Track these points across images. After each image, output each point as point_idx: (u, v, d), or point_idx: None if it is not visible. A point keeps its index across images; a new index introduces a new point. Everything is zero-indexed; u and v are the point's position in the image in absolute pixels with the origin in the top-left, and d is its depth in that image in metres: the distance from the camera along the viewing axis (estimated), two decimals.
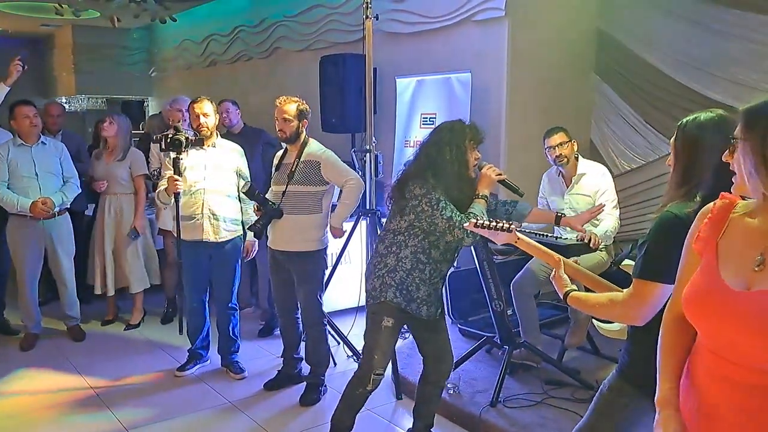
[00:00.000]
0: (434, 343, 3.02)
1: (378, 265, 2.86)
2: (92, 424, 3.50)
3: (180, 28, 8.46)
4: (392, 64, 5.46)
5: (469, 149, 2.82)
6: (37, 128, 4.41)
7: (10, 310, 4.98)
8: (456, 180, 2.79)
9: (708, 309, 1.39)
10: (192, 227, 3.83)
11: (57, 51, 9.99)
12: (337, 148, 5.47)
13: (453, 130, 2.84)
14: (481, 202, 2.82)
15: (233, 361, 4.12)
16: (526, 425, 3.22)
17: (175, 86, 8.97)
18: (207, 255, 3.92)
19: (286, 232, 3.62)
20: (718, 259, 1.41)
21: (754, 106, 1.35)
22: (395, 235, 2.83)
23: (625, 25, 4.86)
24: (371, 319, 2.89)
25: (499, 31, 4.76)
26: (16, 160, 4.34)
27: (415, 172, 2.80)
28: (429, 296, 2.85)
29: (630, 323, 1.87)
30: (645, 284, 1.72)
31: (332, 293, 4.50)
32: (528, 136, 4.62)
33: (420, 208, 2.72)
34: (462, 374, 3.76)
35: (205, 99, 3.89)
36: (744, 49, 4.11)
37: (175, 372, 4.09)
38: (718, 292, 1.37)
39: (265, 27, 7.25)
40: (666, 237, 1.70)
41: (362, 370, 2.90)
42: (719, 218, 1.44)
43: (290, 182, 3.61)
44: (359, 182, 3.65)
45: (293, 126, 3.60)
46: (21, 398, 3.80)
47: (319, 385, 3.78)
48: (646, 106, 4.77)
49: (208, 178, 3.82)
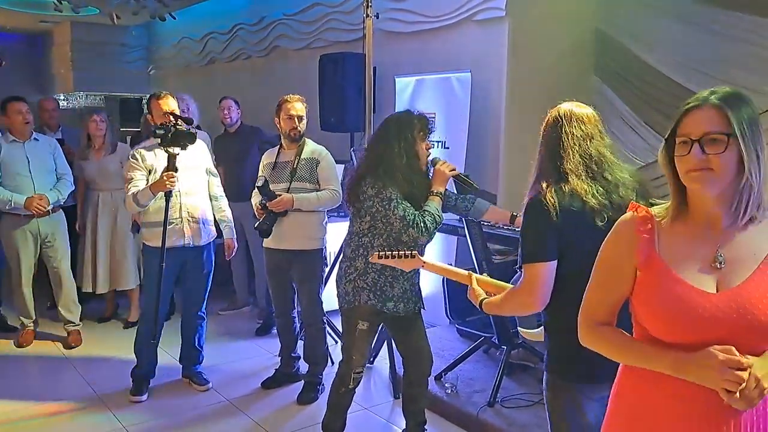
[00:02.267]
0: (411, 342, 3.01)
1: (348, 269, 2.86)
2: (92, 423, 3.49)
3: (179, 25, 8.43)
4: (392, 64, 5.45)
5: (418, 140, 2.78)
6: (29, 125, 4.35)
7: (7, 308, 4.98)
8: (408, 173, 2.75)
9: (688, 317, 1.34)
10: (170, 232, 3.57)
11: (55, 48, 9.95)
12: (336, 147, 5.49)
13: (400, 122, 2.81)
14: (435, 199, 2.79)
15: (196, 372, 3.95)
16: (523, 425, 3.22)
17: (174, 84, 8.95)
18: (180, 261, 3.70)
19: (289, 230, 3.60)
20: (672, 266, 1.38)
21: None
22: (359, 237, 2.83)
23: (625, 27, 4.86)
24: (346, 323, 2.92)
25: (499, 31, 4.75)
26: (8, 157, 4.27)
27: (366, 170, 2.78)
28: (405, 292, 2.84)
29: (531, 309, 1.99)
30: (530, 267, 1.87)
31: (330, 292, 4.48)
32: (527, 137, 4.58)
33: (375, 208, 2.71)
34: (460, 374, 3.76)
35: (169, 95, 3.70)
36: (744, 51, 4.11)
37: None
38: (694, 297, 1.34)
39: (265, 25, 7.23)
40: (533, 220, 1.90)
41: (342, 370, 2.95)
42: (649, 230, 1.43)
43: (293, 180, 3.59)
44: (338, 196, 3.62)
45: (304, 124, 3.61)
46: (17, 399, 3.78)
47: (317, 384, 3.78)
48: (646, 108, 4.76)
49: (182, 179, 3.54)
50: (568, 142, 1.92)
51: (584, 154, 1.92)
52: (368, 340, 2.94)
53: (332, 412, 3.00)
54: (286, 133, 3.64)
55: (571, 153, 1.92)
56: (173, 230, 3.59)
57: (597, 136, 1.97)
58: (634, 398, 1.47)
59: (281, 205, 3.50)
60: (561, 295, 1.94)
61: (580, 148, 1.92)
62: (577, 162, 1.91)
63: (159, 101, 3.63)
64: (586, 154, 1.92)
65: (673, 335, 1.36)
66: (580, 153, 1.92)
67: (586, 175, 1.90)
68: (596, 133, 1.97)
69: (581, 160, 1.91)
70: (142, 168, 3.58)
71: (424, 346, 3.02)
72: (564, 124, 1.95)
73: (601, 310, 1.51)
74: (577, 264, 1.86)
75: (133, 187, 3.52)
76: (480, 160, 4.69)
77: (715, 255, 1.36)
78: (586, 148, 1.93)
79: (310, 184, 3.61)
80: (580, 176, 1.89)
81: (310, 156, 3.63)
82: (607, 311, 1.51)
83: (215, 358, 4.27)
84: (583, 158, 1.92)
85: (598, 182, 1.90)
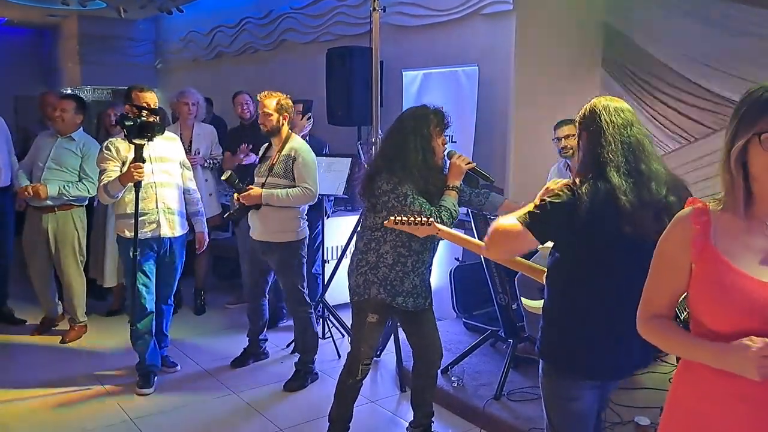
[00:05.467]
0: (422, 335, 3.03)
1: (360, 262, 2.87)
2: (97, 414, 3.52)
3: (186, 19, 8.45)
4: (399, 57, 5.44)
5: (434, 135, 2.77)
6: (60, 122, 4.35)
7: (14, 300, 5.02)
8: (423, 170, 2.75)
9: (746, 306, 1.35)
10: (146, 223, 3.60)
11: (63, 41, 9.98)
12: (343, 140, 5.51)
13: (415, 118, 2.80)
14: (452, 194, 2.79)
15: (164, 356, 4.05)
16: (529, 418, 3.23)
17: (181, 78, 8.96)
18: (156, 251, 3.72)
19: (264, 223, 3.73)
20: (728, 258, 1.39)
21: None
22: (372, 231, 2.83)
23: (632, 20, 4.84)
24: (356, 315, 2.93)
25: (506, 25, 4.74)
26: (38, 148, 4.43)
27: (382, 165, 2.78)
28: (415, 288, 2.85)
29: (482, 253, 2.17)
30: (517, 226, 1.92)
31: (337, 287, 4.51)
32: (534, 130, 4.61)
33: (390, 204, 2.70)
34: (466, 367, 3.77)
35: (149, 89, 3.72)
36: (752, 45, 4.08)
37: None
38: (754, 287, 1.34)
39: (272, 19, 7.23)
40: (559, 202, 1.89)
41: (351, 361, 2.97)
42: (704, 222, 1.44)
43: (270, 175, 3.71)
44: (312, 195, 3.70)
45: (273, 119, 3.70)
46: (23, 389, 3.81)
47: (307, 372, 3.87)
48: (653, 102, 4.75)
49: (156, 171, 3.63)
50: (609, 130, 1.92)
51: (624, 142, 1.91)
52: (377, 332, 2.95)
53: (339, 403, 3.02)
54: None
55: (612, 141, 1.91)
56: (148, 221, 3.62)
57: (636, 123, 1.96)
58: (693, 401, 1.48)
59: (249, 199, 3.64)
60: (569, 288, 1.95)
61: (621, 136, 1.91)
62: (618, 150, 1.90)
63: (139, 94, 3.64)
64: (626, 142, 1.91)
65: (731, 326, 1.37)
66: (621, 140, 1.91)
67: (624, 166, 1.89)
68: (635, 121, 1.96)
69: (621, 148, 1.90)
70: (116, 159, 3.60)
71: (434, 339, 3.04)
72: (602, 113, 1.94)
73: (658, 303, 1.53)
74: (594, 261, 1.88)
75: (106, 178, 3.55)
76: (487, 154, 4.69)
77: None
78: (626, 135, 1.92)
79: (284, 180, 3.69)
80: (618, 169, 1.88)
81: (288, 152, 3.71)
82: (663, 304, 1.53)
83: (222, 351, 4.30)
84: (623, 146, 1.91)
85: (632, 176, 1.88)
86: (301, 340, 3.92)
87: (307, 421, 3.43)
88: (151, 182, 3.61)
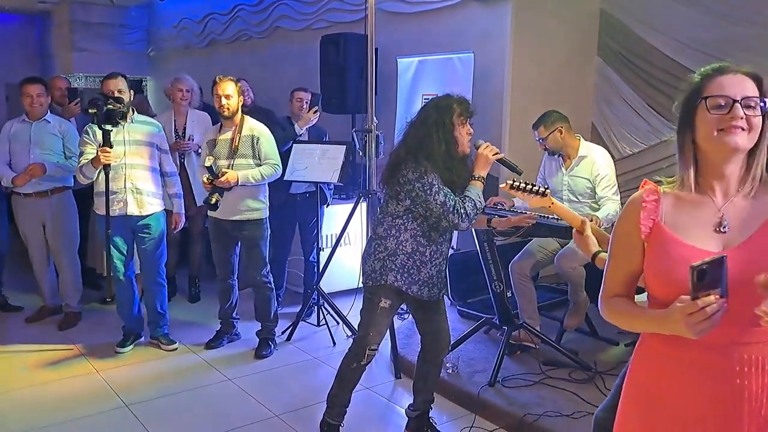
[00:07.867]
0: (432, 323, 3.03)
1: (378, 247, 2.85)
2: (91, 400, 3.52)
3: (179, 6, 8.38)
4: (394, 44, 5.42)
5: (458, 125, 2.74)
6: (38, 107, 4.35)
7: (9, 288, 5.01)
8: (447, 160, 2.73)
9: None
10: (115, 201, 3.87)
11: (55, 28, 9.88)
12: (338, 128, 5.49)
13: (438, 107, 2.76)
14: (477, 184, 2.77)
15: (163, 333, 4.23)
16: (523, 404, 3.24)
17: (174, 66, 8.90)
18: (128, 229, 3.99)
19: (232, 203, 3.90)
20: (677, 234, 1.46)
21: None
22: (393, 218, 2.81)
23: (628, 8, 4.82)
24: (369, 299, 2.90)
25: (502, 12, 4.72)
26: (15, 136, 4.35)
27: (406, 155, 2.75)
28: (431, 278, 2.85)
29: None
30: None
31: (332, 274, 4.51)
32: (530, 117, 4.57)
33: (414, 193, 2.69)
34: (461, 354, 3.78)
35: (119, 75, 3.92)
36: (751, 33, 4.08)
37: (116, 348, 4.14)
38: (701, 257, 1.35)
39: (266, 6, 7.17)
40: None
41: (357, 345, 2.94)
42: (653, 201, 1.51)
43: (236, 156, 3.88)
44: (278, 169, 3.98)
45: (235, 102, 3.87)
46: (19, 374, 3.82)
47: (270, 340, 4.15)
48: (649, 90, 4.75)
49: (128, 153, 3.89)
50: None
51: None
52: (388, 318, 2.93)
53: (341, 385, 3.00)
54: (219, 112, 3.92)
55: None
56: (116, 200, 3.88)
57: None
58: (644, 374, 1.54)
59: (227, 182, 3.78)
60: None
61: None
62: None
63: (109, 81, 3.89)
64: None
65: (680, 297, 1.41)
66: None
67: None
68: None
69: None
70: (93, 143, 3.85)
71: (444, 328, 3.05)
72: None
73: (616, 283, 1.57)
74: None
75: (83, 160, 3.85)
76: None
77: (720, 220, 1.44)
78: None
79: (253, 159, 3.92)
80: None
81: (249, 133, 3.93)
82: (620, 284, 1.57)
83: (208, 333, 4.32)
84: None
85: None
86: (262, 309, 4.14)
87: (303, 407, 3.44)
88: (122, 164, 3.86)
